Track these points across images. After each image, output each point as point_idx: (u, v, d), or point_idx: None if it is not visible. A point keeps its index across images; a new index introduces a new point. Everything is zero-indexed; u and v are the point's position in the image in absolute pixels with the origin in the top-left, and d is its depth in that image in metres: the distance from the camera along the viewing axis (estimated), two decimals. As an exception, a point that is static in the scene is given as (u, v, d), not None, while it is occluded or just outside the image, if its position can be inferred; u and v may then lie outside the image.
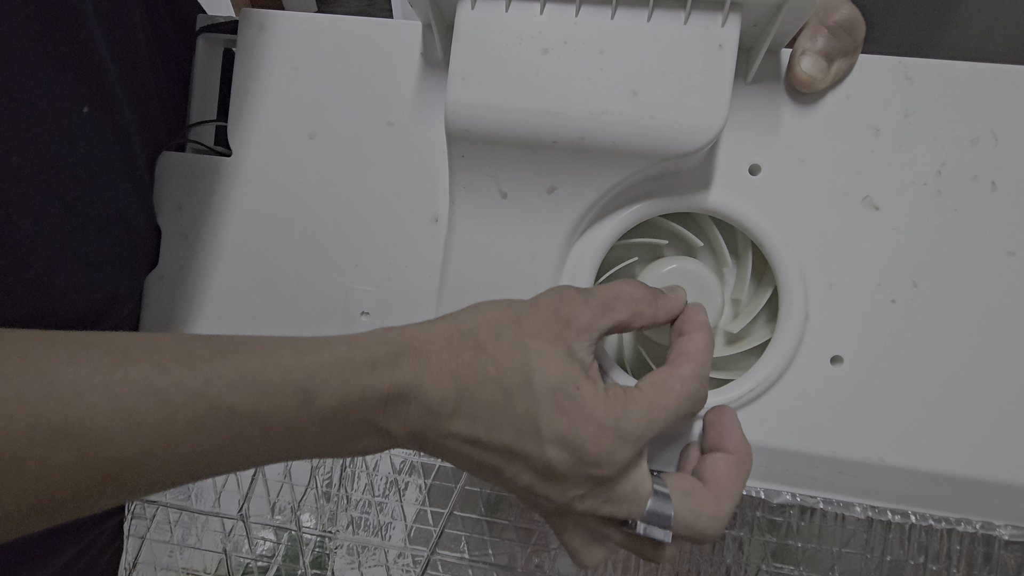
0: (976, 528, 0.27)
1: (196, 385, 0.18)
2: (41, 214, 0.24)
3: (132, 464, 0.18)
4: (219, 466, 0.20)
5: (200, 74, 0.33)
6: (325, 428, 0.20)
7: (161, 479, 0.19)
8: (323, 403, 0.20)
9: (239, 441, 0.19)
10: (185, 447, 0.18)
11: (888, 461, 0.27)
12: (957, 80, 0.26)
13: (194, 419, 0.18)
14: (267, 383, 0.19)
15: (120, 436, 0.17)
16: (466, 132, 0.26)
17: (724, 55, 0.24)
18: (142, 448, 0.18)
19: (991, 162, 0.26)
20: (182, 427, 0.18)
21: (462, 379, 0.21)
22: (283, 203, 0.30)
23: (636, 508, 0.21)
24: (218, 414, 0.19)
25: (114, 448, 0.17)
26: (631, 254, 0.29)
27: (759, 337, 0.29)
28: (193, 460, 0.19)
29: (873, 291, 0.27)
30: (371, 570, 0.30)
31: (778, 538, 0.29)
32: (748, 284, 0.29)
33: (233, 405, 0.19)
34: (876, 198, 0.27)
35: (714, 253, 0.30)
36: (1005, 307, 0.26)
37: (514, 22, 0.25)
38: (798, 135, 0.27)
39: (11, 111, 0.22)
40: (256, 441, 0.19)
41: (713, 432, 0.25)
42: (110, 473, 0.18)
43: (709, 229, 0.29)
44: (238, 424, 0.19)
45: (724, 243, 0.29)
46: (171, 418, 0.18)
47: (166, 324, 0.32)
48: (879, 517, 0.28)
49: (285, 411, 0.20)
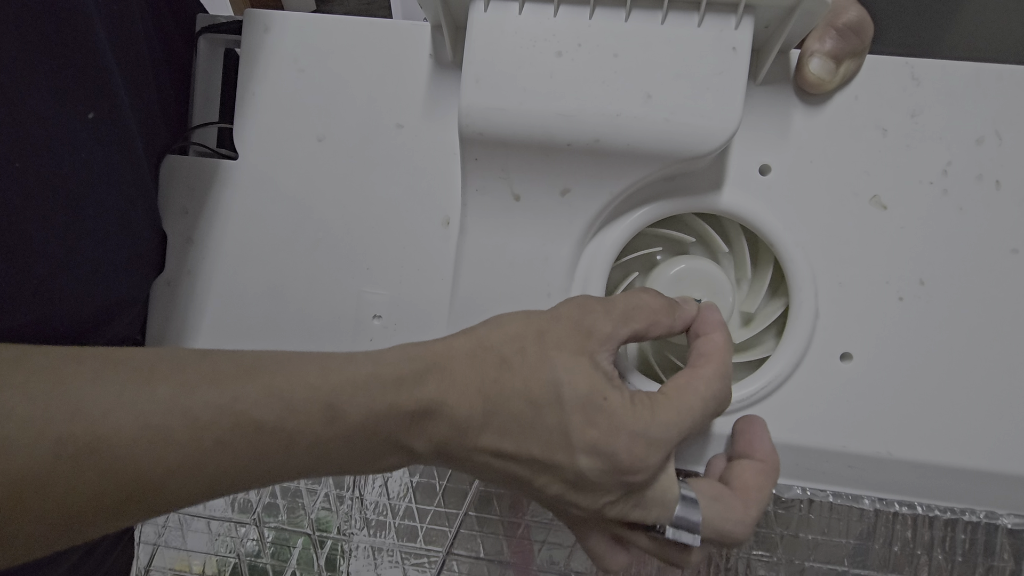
0: (980, 517, 0.28)
1: (223, 403, 0.18)
2: (44, 220, 0.24)
3: (157, 483, 0.18)
4: (240, 484, 0.20)
5: (202, 75, 0.33)
6: (350, 445, 0.20)
7: (184, 498, 0.19)
8: (349, 420, 0.20)
9: (264, 459, 0.19)
10: (210, 466, 0.18)
11: (896, 455, 0.28)
12: (962, 80, 0.27)
13: (220, 437, 0.18)
14: (294, 400, 0.19)
15: (146, 455, 0.17)
16: (480, 135, 0.26)
17: (738, 57, 0.24)
18: (168, 467, 0.18)
19: (995, 161, 0.27)
20: (208, 445, 0.18)
21: (489, 395, 0.21)
22: (292, 207, 0.30)
23: (665, 513, 0.22)
24: (245, 432, 0.19)
25: (140, 467, 0.17)
26: (634, 258, 0.30)
27: (773, 312, 0.29)
28: (217, 479, 0.19)
29: (881, 289, 0.28)
30: (388, 571, 0.31)
31: (768, 528, 0.29)
32: (749, 263, 0.29)
33: (260, 422, 0.19)
34: (884, 197, 0.27)
35: (708, 245, 0.30)
36: (1008, 303, 0.27)
37: (528, 24, 0.25)
38: (807, 135, 0.28)
39: (14, 116, 0.22)
40: (280, 459, 0.19)
41: (742, 440, 0.25)
42: (135, 493, 0.18)
43: (697, 225, 0.29)
44: (264, 442, 0.19)
45: (715, 233, 0.29)
46: (197, 436, 0.18)
47: (173, 329, 0.31)
48: (886, 509, 0.29)
49: (311, 428, 0.19)
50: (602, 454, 0.21)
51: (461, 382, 0.21)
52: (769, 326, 0.29)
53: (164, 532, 0.32)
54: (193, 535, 0.32)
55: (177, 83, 0.32)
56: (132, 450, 0.17)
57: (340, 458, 0.21)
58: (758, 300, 0.29)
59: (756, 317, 0.29)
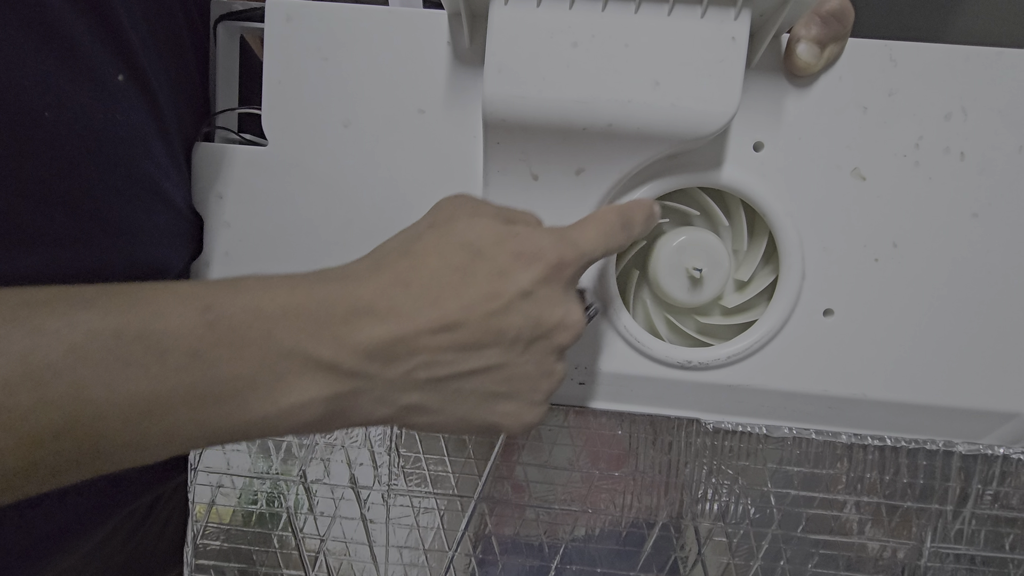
0: (939, 446, 0.33)
1: (74, 312, 0.16)
2: (72, 171, 0.24)
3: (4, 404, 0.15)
4: (110, 411, 0.16)
5: (222, 62, 0.34)
6: (239, 355, 0.17)
7: (45, 425, 0.16)
8: (233, 320, 0.17)
9: (133, 369, 0.16)
10: (63, 379, 0.16)
11: (870, 396, 0.32)
12: (934, 61, 0.30)
13: (72, 346, 0.16)
14: (161, 303, 0.17)
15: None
16: (503, 121, 0.28)
17: (736, 46, 0.27)
18: (5, 379, 0.15)
19: (961, 135, 0.30)
20: (57, 355, 0.16)
21: (408, 280, 0.20)
22: (322, 189, 0.32)
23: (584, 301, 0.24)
24: (102, 338, 0.16)
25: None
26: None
27: (764, 280, 0.32)
28: (76, 399, 0.16)
29: (860, 251, 0.31)
30: (424, 516, 0.34)
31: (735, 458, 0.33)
32: (746, 235, 0.32)
33: (119, 328, 0.16)
34: (863, 169, 0.31)
35: (710, 218, 0.33)
36: (968, 262, 0.31)
37: (545, 18, 0.27)
38: (796, 114, 0.30)
39: (44, 63, 0.22)
40: (157, 371, 0.17)
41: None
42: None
43: (700, 199, 0.32)
44: (128, 350, 0.16)
45: (717, 207, 0.32)
46: (40, 344, 0.16)
47: (214, 307, 0.33)
48: (860, 442, 0.33)
49: (187, 330, 0.17)
50: (534, 259, 0.21)
51: (371, 280, 0.20)
52: (761, 292, 0.32)
53: (215, 494, 0.35)
54: (239, 493, 0.35)
55: (201, 66, 0.34)
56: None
57: (232, 375, 0.18)
58: (752, 268, 0.32)
59: (750, 283, 0.33)
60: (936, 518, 0.33)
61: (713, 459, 0.34)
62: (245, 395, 0.18)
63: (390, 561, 0.35)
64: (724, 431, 0.33)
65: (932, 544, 0.33)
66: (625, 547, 0.34)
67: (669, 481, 0.34)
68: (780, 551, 0.33)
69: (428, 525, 0.35)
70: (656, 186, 0.31)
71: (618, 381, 0.33)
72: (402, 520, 0.35)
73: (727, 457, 0.33)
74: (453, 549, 0.34)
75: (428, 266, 0.21)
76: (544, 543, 0.34)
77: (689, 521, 0.34)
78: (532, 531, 0.34)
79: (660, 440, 0.34)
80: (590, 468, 0.34)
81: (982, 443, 0.33)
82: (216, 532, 0.35)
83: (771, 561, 0.33)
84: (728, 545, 0.34)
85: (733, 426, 0.33)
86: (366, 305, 0.19)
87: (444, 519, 0.35)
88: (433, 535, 0.35)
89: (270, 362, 0.18)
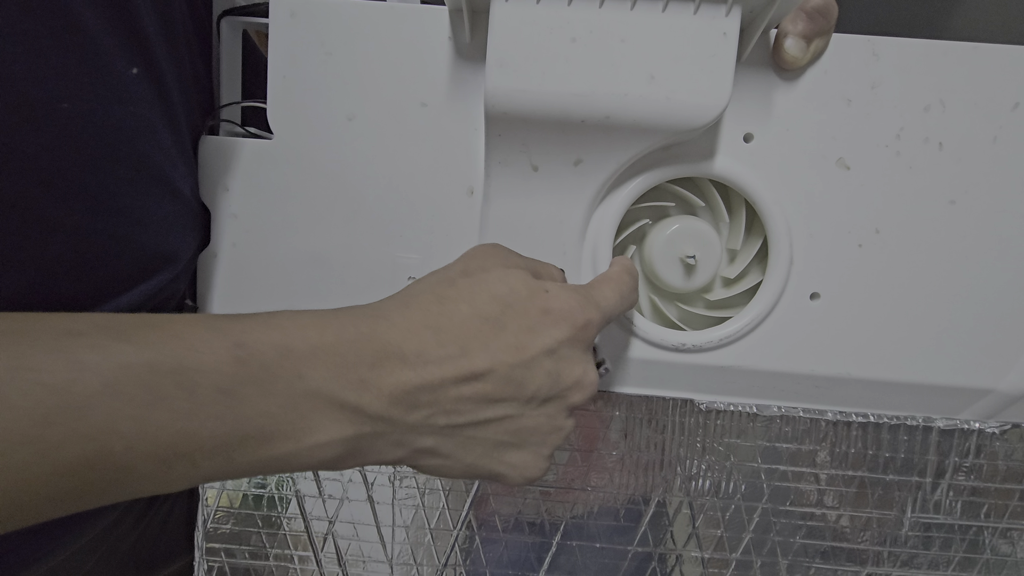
0: (919, 422, 0.34)
1: (111, 345, 0.16)
2: (85, 161, 0.24)
3: (35, 435, 0.15)
4: (139, 445, 0.17)
5: (226, 56, 0.35)
6: (267, 394, 0.18)
7: (76, 455, 0.16)
8: (262, 358, 0.18)
9: (163, 404, 0.17)
10: (98, 412, 0.16)
11: (854, 375, 0.34)
12: (914, 56, 0.31)
13: (107, 379, 0.16)
14: (195, 338, 0.17)
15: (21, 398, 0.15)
16: (504, 114, 0.29)
17: (728, 42, 0.28)
18: (45, 412, 0.15)
19: (939, 126, 0.32)
20: (93, 388, 0.16)
21: (438, 326, 0.20)
22: (328, 182, 0.33)
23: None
24: (136, 372, 0.16)
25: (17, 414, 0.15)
26: (642, 215, 0.34)
27: (752, 280, 0.34)
28: (108, 432, 0.16)
29: (844, 238, 0.33)
30: (430, 497, 0.35)
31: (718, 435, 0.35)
32: (742, 235, 0.34)
33: (153, 363, 0.16)
34: (848, 159, 0.32)
35: (712, 211, 0.35)
36: (946, 247, 0.32)
37: (545, 14, 0.28)
38: (784, 106, 0.32)
39: (63, 56, 0.22)
40: (185, 407, 0.17)
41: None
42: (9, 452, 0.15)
43: (708, 190, 0.34)
44: (159, 383, 0.16)
45: (721, 201, 0.33)
46: (79, 378, 0.16)
47: (222, 298, 0.34)
48: (845, 419, 0.35)
49: (216, 367, 0.17)
50: (562, 318, 0.22)
51: (401, 322, 0.20)
52: (744, 292, 0.34)
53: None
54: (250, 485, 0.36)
55: (205, 59, 0.34)
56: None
57: (259, 413, 0.18)
58: (742, 267, 0.33)
59: (738, 281, 0.34)
60: (916, 490, 0.35)
61: (706, 437, 0.35)
62: (270, 433, 0.18)
63: (396, 540, 0.36)
64: (716, 411, 0.35)
65: (912, 514, 0.35)
66: (623, 523, 0.36)
67: (664, 459, 0.35)
68: (770, 524, 0.35)
69: (433, 505, 0.36)
70: (652, 176, 0.32)
71: (614, 364, 0.35)
72: (407, 501, 0.36)
73: (719, 435, 0.35)
74: (458, 528, 0.36)
75: (460, 313, 0.21)
76: (545, 521, 0.36)
77: (683, 496, 0.35)
78: (533, 510, 0.36)
79: (655, 420, 0.35)
80: (587, 448, 0.36)
81: (959, 418, 0.34)
82: (226, 516, 0.36)
83: (761, 533, 0.35)
84: (721, 519, 0.35)
85: (725, 406, 0.35)
86: (395, 349, 0.20)
87: (448, 499, 0.36)
88: (438, 515, 0.36)
89: (296, 401, 0.18)
